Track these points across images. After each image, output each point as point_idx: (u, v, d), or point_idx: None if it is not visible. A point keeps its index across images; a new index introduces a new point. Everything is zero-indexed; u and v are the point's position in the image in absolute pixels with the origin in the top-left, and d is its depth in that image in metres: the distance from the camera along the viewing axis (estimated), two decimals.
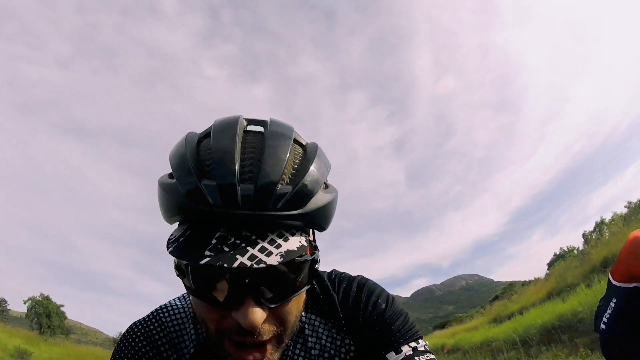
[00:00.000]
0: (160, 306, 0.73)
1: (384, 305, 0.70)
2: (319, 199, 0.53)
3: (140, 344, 0.67)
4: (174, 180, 0.51)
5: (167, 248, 0.50)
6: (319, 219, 0.54)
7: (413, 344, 0.66)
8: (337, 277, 0.75)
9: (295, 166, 0.54)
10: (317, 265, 0.57)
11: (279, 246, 0.48)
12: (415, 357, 0.64)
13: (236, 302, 0.49)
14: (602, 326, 1.54)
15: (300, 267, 0.52)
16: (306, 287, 0.55)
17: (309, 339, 0.70)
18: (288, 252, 0.48)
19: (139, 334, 0.68)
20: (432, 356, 0.65)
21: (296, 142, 0.56)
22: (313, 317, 0.71)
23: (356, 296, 0.71)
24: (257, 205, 0.47)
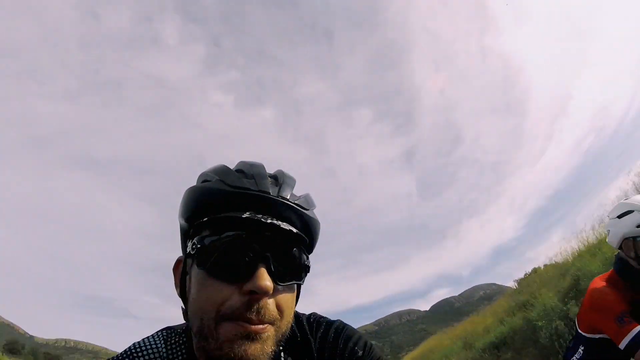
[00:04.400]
0: (134, 344, 0.71)
1: (360, 353, 0.71)
2: (315, 216, 0.66)
3: None
4: (217, 178, 0.62)
5: (207, 215, 0.60)
6: (314, 230, 0.66)
7: None
8: (316, 321, 0.76)
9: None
10: (305, 272, 0.64)
11: (294, 226, 0.61)
12: None
13: (251, 271, 0.55)
14: None
15: (301, 257, 0.62)
16: (299, 283, 0.63)
17: None
18: (298, 233, 0.61)
19: None
20: None
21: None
22: (290, 359, 0.71)
23: (333, 342, 0.72)
24: (281, 196, 0.61)
